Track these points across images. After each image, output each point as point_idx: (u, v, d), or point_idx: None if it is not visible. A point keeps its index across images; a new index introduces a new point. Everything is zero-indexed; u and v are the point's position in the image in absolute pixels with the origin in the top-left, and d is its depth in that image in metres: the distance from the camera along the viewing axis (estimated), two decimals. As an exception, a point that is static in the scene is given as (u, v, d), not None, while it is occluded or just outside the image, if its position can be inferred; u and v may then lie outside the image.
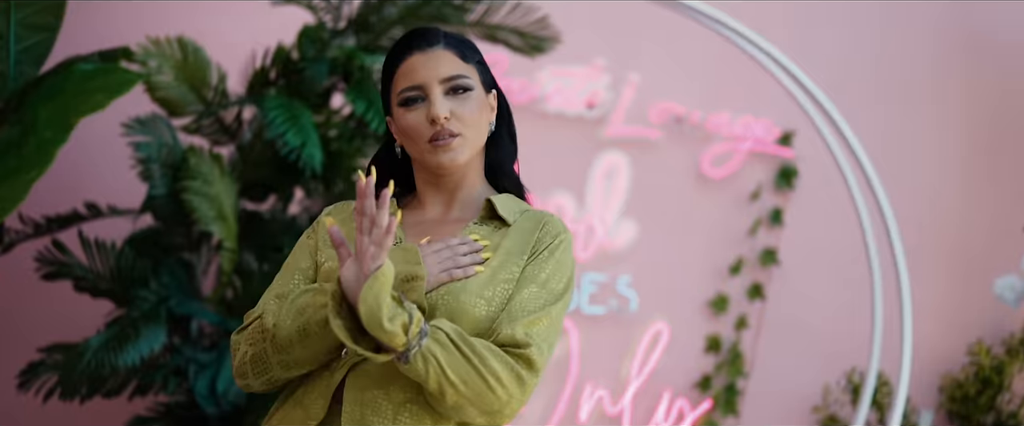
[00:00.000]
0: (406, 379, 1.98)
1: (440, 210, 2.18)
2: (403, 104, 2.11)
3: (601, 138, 5.23)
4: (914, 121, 5.33)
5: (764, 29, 4.68)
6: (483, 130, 2.15)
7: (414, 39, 2.14)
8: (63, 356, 3.87)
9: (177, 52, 3.97)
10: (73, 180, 4.48)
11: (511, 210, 2.15)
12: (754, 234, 5.27)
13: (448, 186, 2.18)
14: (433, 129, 2.09)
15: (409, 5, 4.21)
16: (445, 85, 2.10)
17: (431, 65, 2.10)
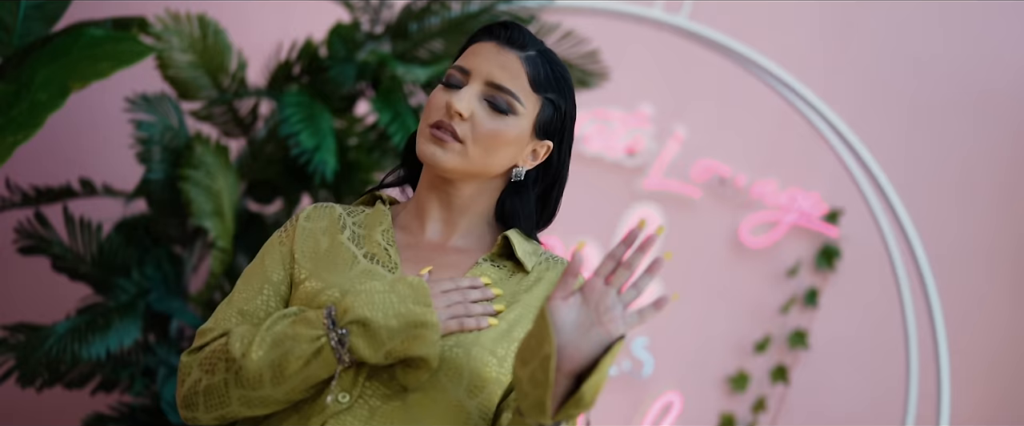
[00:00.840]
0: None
1: (440, 231, 1.90)
2: (444, 80, 1.88)
3: (637, 188, 4.99)
4: (972, 218, 5.03)
5: (830, 99, 4.40)
6: (495, 161, 1.86)
7: (501, 29, 1.89)
8: (26, 337, 3.57)
9: (197, 30, 3.70)
10: (72, 153, 4.24)
11: (529, 253, 1.88)
12: (786, 312, 4.98)
13: (451, 202, 1.89)
14: (441, 117, 1.84)
15: (454, 18, 3.95)
16: (487, 89, 1.84)
17: (493, 61, 1.85)
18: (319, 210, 1.94)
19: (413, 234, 1.90)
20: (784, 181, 4.98)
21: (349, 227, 1.90)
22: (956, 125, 5.05)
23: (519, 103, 1.84)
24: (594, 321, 1.61)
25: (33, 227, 3.71)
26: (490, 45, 1.87)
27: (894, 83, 5.04)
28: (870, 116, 4.93)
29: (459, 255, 1.88)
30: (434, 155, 1.83)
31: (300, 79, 3.90)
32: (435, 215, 1.90)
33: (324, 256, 1.86)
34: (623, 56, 4.46)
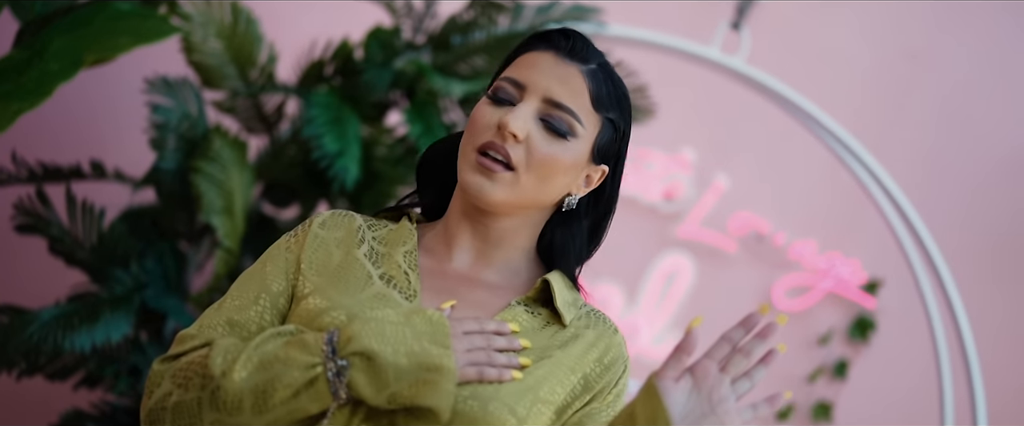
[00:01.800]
0: None
1: (470, 262, 1.67)
2: (492, 93, 1.63)
3: (671, 236, 4.83)
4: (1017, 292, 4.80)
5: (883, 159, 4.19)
6: (547, 191, 1.63)
7: (561, 38, 1.65)
8: (9, 320, 3.37)
9: (227, 16, 3.53)
10: (87, 133, 4.06)
11: (569, 304, 1.65)
12: (813, 382, 4.78)
13: (487, 234, 1.66)
14: (491, 138, 1.60)
15: (499, 35, 3.77)
16: (545, 107, 1.61)
17: (552, 75, 1.62)
18: (337, 218, 1.71)
19: (439, 260, 1.67)
20: (824, 244, 4.79)
21: (368, 242, 1.67)
22: (1014, 200, 4.82)
23: (579, 124, 1.61)
24: (706, 411, 1.47)
25: (33, 205, 3.51)
26: (548, 56, 1.64)
27: (951, 150, 4.85)
28: (923, 183, 4.73)
29: (489, 292, 1.65)
30: (481, 188, 1.60)
31: (331, 80, 3.72)
32: (466, 244, 1.67)
33: (335, 271, 1.63)
34: (670, 95, 4.27)
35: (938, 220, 4.52)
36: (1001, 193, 4.83)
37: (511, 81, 1.63)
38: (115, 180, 3.70)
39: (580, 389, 1.60)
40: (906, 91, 4.84)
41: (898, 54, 4.85)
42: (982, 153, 4.85)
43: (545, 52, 1.64)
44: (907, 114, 4.84)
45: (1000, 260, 4.81)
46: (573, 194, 1.67)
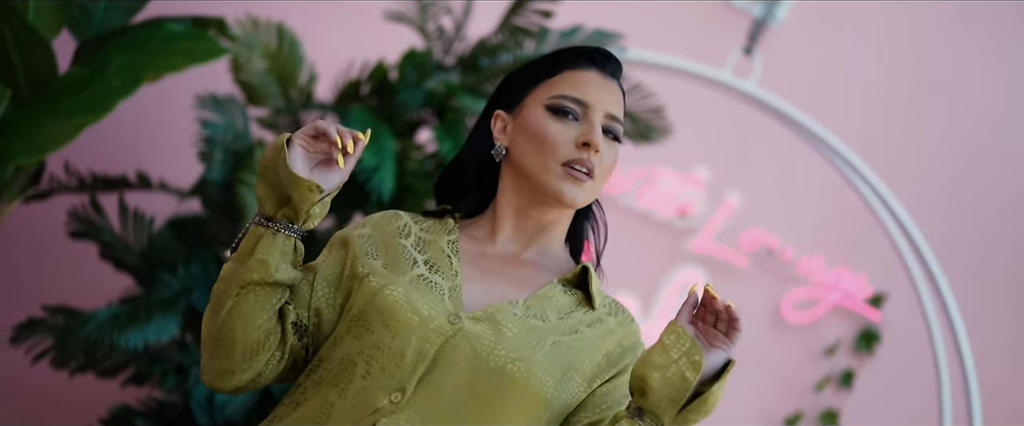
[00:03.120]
0: None
1: (512, 247, 1.87)
2: (555, 110, 1.82)
3: (685, 250, 5.04)
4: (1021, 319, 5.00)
5: (889, 180, 4.42)
6: (602, 187, 1.87)
7: (598, 56, 1.87)
8: (65, 320, 3.60)
9: (273, 39, 3.77)
10: (134, 144, 4.30)
11: (599, 292, 1.86)
12: (820, 391, 5.00)
13: (537, 225, 1.87)
14: (578, 153, 1.80)
15: (525, 57, 3.97)
16: (607, 121, 1.83)
17: (608, 93, 1.84)
18: (386, 216, 1.90)
19: (482, 245, 1.86)
20: (832, 259, 5.00)
21: (414, 233, 1.86)
22: (1016, 220, 5.04)
23: (622, 129, 1.85)
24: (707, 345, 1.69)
25: (86, 212, 3.75)
26: (594, 74, 1.85)
27: (955, 172, 5.07)
28: (927, 203, 4.95)
29: (531, 269, 1.84)
30: (574, 195, 1.80)
31: (367, 99, 3.94)
32: (509, 232, 1.87)
33: (387, 256, 1.82)
34: (685, 116, 4.48)
35: (943, 242, 4.74)
36: (1008, 220, 5.06)
37: (573, 99, 1.82)
38: (160, 190, 3.94)
39: (604, 365, 1.79)
40: (918, 117, 5.07)
41: (910, 80, 5.08)
42: (992, 181, 5.07)
43: (590, 70, 1.85)
44: (918, 139, 5.07)
45: (1005, 283, 5.03)
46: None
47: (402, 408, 1.69)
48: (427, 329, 1.72)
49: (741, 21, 4.70)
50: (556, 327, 1.78)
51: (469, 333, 1.73)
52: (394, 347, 1.72)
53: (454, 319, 1.73)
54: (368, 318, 1.75)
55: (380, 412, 1.69)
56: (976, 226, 5.06)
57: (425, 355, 1.71)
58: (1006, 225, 5.06)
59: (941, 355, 4.14)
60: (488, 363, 1.71)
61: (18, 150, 3.35)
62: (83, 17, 3.73)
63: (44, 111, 3.40)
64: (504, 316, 1.75)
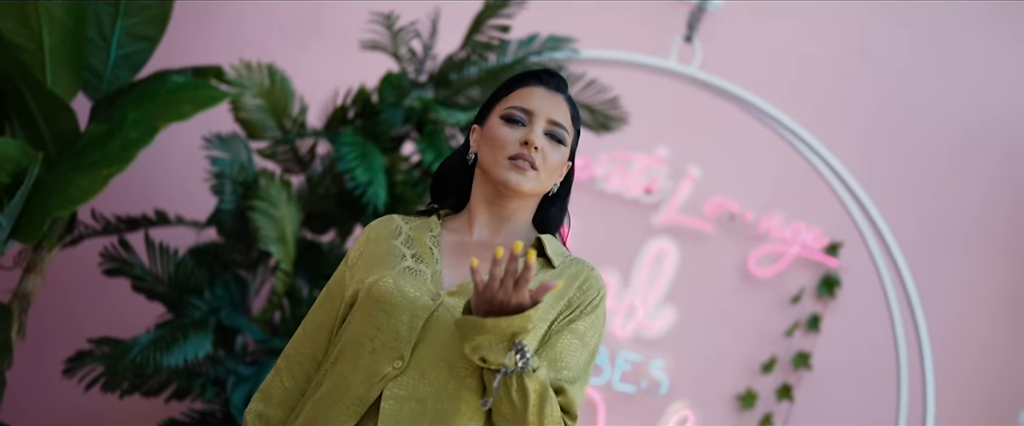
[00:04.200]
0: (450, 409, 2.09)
1: (487, 234, 2.27)
2: (506, 119, 2.23)
3: (654, 224, 5.35)
4: (958, 254, 5.41)
5: (830, 141, 4.84)
6: (550, 182, 2.26)
7: (545, 76, 2.29)
8: (111, 349, 4.03)
9: (266, 79, 4.16)
10: (147, 186, 4.68)
11: (556, 253, 2.26)
12: (790, 336, 5.34)
13: (502, 213, 2.27)
14: (519, 149, 2.20)
15: (490, 68, 4.37)
16: (549, 125, 2.23)
17: (549, 103, 2.25)
18: (381, 222, 2.33)
19: (461, 236, 2.27)
20: (788, 216, 5.35)
21: (404, 233, 2.28)
22: (947, 166, 5.42)
23: (567, 135, 2.25)
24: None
25: (117, 251, 4.18)
26: (540, 89, 2.26)
27: (891, 127, 5.43)
28: (867, 157, 5.32)
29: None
30: (518, 182, 2.20)
31: (354, 122, 4.34)
32: (483, 221, 2.27)
33: (380, 257, 2.24)
34: (642, 103, 4.86)
35: (884, 191, 5.14)
36: (940, 166, 5.44)
37: (520, 109, 2.24)
38: (178, 224, 4.36)
39: (564, 308, 2.20)
40: (852, 81, 5.44)
41: (841, 48, 5.45)
42: (921, 134, 5.43)
43: (537, 86, 2.27)
44: (853, 101, 5.42)
45: (942, 223, 5.43)
46: (556, 184, 2.30)
47: (404, 371, 2.11)
48: (415, 307, 2.13)
49: (682, 11, 5.07)
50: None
51: (448, 305, 2.14)
52: (390, 325, 2.13)
53: (435, 297, 2.15)
54: (368, 304, 2.17)
55: (387, 377, 2.11)
56: (911, 174, 5.42)
57: (415, 328, 2.12)
58: (939, 171, 5.41)
59: (890, 292, 4.58)
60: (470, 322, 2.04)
61: (54, 205, 3.75)
62: (94, 78, 4.13)
63: (73, 167, 3.78)
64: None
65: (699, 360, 5.28)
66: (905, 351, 4.57)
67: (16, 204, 3.76)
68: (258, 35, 4.92)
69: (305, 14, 5.10)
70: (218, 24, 4.96)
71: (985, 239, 5.42)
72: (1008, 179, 5.46)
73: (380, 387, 2.10)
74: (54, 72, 3.94)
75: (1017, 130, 5.46)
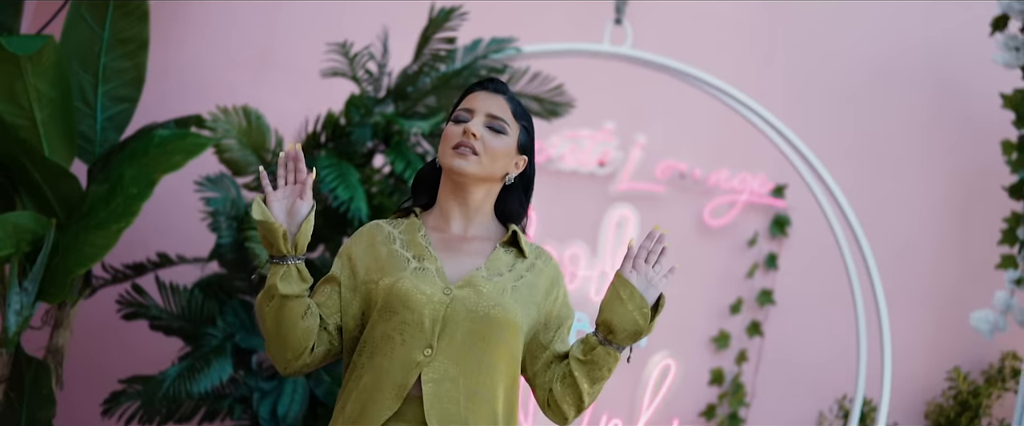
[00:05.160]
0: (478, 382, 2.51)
1: (461, 227, 2.66)
2: (454, 120, 2.63)
3: (611, 193, 5.74)
4: (894, 174, 5.82)
5: (761, 95, 5.26)
6: (498, 168, 2.63)
7: (486, 82, 2.69)
8: (143, 386, 4.41)
9: (242, 119, 4.53)
10: (144, 233, 5.02)
11: (527, 245, 2.69)
12: (751, 277, 5.75)
13: (465, 202, 2.65)
14: (461, 138, 2.59)
15: (442, 75, 4.75)
16: (488, 119, 2.62)
17: (487, 101, 2.64)
18: (371, 228, 2.69)
19: (442, 231, 2.66)
20: (734, 168, 5.75)
21: (397, 238, 2.65)
22: (871, 97, 5.83)
23: (508, 126, 2.64)
24: (646, 284, 2.55)
25: (132, 297, 4.55)
26: (482, 93, 2.66)
27: (814, 70, 5.84)
28: (796, 102, 5.74)
29: (480, 243, 2.65)
30: (462, 165, 2.58)
31: (327, 145, 4.72)
32: (455, 214, 2.66)
33: (385, 262, 2.60)
34: (585, 85, 5.26)
35: (815, 131, 5.58)
36: (861, 102, 5.86)
37: (464, 109, 2.64)
38: (180, 264, 4.73)
39: (543, 293, 2.64)
40: (772, 36, 5.82)
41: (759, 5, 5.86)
42: (840, 74, 5.81)
43: (480, 91, 2.68)
44: (775, 54, 5.82)
45: (871, 153, 5.86)
46: (510, 174, 2.68)
47: (433, 357, 2.51)
48: (433, 302, 2.53)
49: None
50: (510, 277, 2.61)
51: (459, 297, 2.53)
52: (415, 320, 2.52)
53: (447, 291, 2.54)
54: (392, 305, 2.54)
55: (420, 364, 2.50)
56: (838, 110, 5.83)
57: (437, 319, 2.52)
58: (863, 103, 5.82)
59: (835, 223, 5.02)
60: (478, 313, 2.52)
61: (73, 264, 4.12)
62: (86, 143, 4.49)
63: (84, 228, 4.15)
64: (477, 280, 2.56)
65: (671, 311, 5.65)
66: (855, 274, 5.01)
67: (38, 269, 4.13)
68: (228, 80, 5.28)
69: (260, 49, 5.47)
70: (182, 73, 5.33)
71: (918, 160, 5.83)
72: (931, 100, 5.85)
73: (416, 373, 2.49)
74: (50, 143, 4.30)
75: (934, 54, 5.86)
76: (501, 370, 2.55)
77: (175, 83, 5.18)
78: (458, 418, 2.48)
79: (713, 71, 5.15)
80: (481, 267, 2.59)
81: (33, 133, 4.23)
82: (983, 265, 5.62)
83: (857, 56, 5.86)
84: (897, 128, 5.85)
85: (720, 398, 5.65)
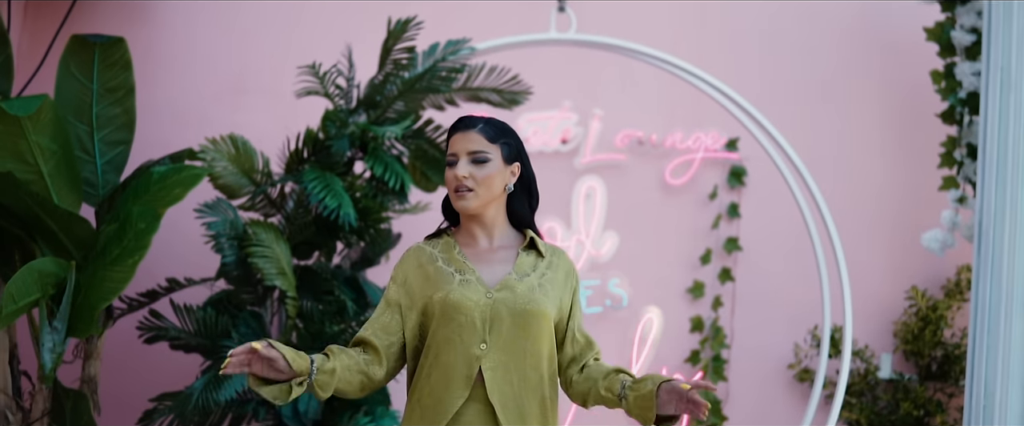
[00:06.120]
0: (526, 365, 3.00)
1: (486, 242, 3.12)
2: (447, 164, 3.07)
3: (577, 167, 6.11)
4: (835, 114, 6.22)
5: (702, 59, 5.67)
6: (495, 188, 3.06)
7: (459, 124, 3.11)
8: (173, 401, 4.80)
9: (231, 147, 4.91)
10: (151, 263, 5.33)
11: (544, 247, 3.14)
12: (717, 227, 6.10)
13: (483, 223, 3.11)
14: (455, 184, 3.04)
15: (406, 80, 5.12)
16: (470, 156, 3.05)
17: (464, 142, 3.06)
18: (414, 252, 3.15)
19: (473, 247, 3.11)
20: (687, 129, 6.12)
21: (438, 257, 3.10)
22: (797, 37, 6.22)
23: (488, 153, 3.05)
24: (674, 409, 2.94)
25: (151, 321, 4.94)
26: (458, 135, 3.08)
27: (747, 28, 6.22)
28: (733, 60, 6.13)
29: (505, 251, 3.10)
30: (465, 206, 3.04)
31: (310, 159, 5.09)
32: (478, 233, 3.12)
33: (434, 279, 3.06)
34: (540, 70, 5.64)
35: (751, 82, 5.98)
36: (798, 56, 6.25)
37: (451, 155, 3.07)
38: (189, 285, 5.11)
39: (562, 286, 3.10)
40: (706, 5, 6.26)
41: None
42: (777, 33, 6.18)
43: (457, 134, 3.09)
44: (712, 21, 6.21)
45: (807, 92, 6.23)
46: (508, 184, 3.10)
47: (489, 350, 2.98)
48: (480, 306, 3.00)
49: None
50: (535, 276, 3.07)
51: (500, 299, 3.00)
52: (468, 322, 2.99)
53: (489, 295, 3.01)
54: (448, 312, 3.00)
55: (479, 357, 2.98)
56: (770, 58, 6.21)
57: (486, 319, 3.00)
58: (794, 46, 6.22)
59: (783, 167, 5.44)
60: (516, 309, 2.99)
61: (97, 300, 4.49)
62: (90, 188, 4.86)
63: (101, 265, 4.51)
64: (511, 282, 3.02)
65: (647, 269, 6.09)
66: (809, 212, 5.43)
67: (65, 308, 4.51)
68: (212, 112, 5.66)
69: (233, 78, 5.85)
70: (163, 110, 5.69)
71: (856, 98, 6.21)
72: (860, 40, 6.23)
73: (477, 364, 2.97)
74: (58, 192, 4.66)
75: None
76: (543, 355, 3.04)
77: (159, 120, 5.55)
78: (513, 397, 2.98)
79: (654, 42, 5.55)
80: (511, 272, 3.06)
81: (42, 185, 4.59)
82: (927, 189, 6.03)
83: (784, 6, 6.22)
84: (831, 70, 6.24)
85: (702, 343, 6.06)
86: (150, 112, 5.38)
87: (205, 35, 5.92)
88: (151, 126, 5.34)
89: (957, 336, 5.98)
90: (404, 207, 5.23)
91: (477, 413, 2.97)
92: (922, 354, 5.98)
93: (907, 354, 6.03)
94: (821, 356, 5.49)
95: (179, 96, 5.78)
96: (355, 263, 5.24)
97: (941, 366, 5.97)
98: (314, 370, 2.89)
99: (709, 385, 2.84)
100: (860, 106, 6.25)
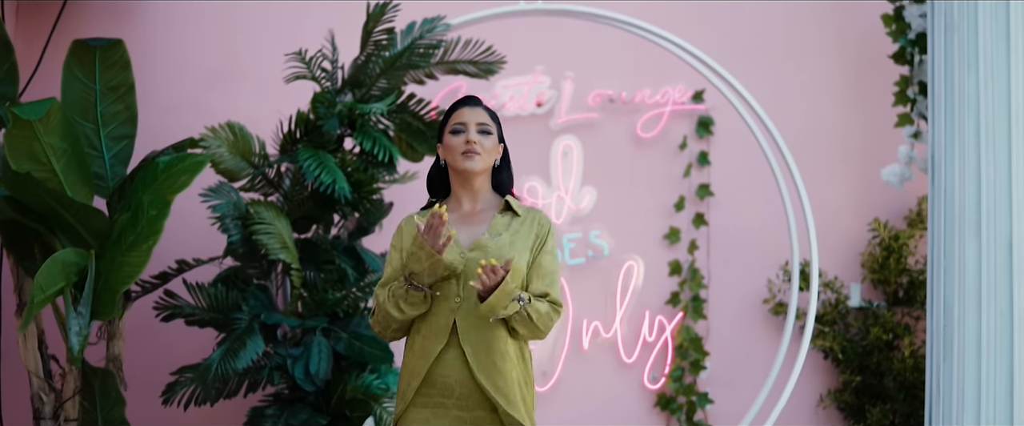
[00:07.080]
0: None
1: (470, 206, 3.50)
2: (453, 132, 3.46)
3: (553, 128, 6.43)
4: (794, 62, 6.55)
5: (664, 17, 5.98)
6: (491, 159, 3.48)
7: (467, 101, 3.52)
8: (194, 373, 5.16)
9: (229, 134, 5.24)
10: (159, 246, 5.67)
11: (519, 207, 3.51)
12: (688, 176, 6.45)
13: (471, 188, 3.49)
14: (466, 146, 3.43)
15: (387, 58, 5.44)
16: (478, 126, 3.46)
17: (473, 114, 3.47)
18: (409, 223, 3.49)
19: (457, 212, 3.49)
20: (654, 86, 6.45)
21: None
22: (759, 4, 6.53)
23: (491, 127, 3.47)
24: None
25: (166, 301, 5.29)
26: (466, 108, 3.48)
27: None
28: (695, 17, 6.46)
29: (484, 213, 3.47)
30: (471, 165, 3.42)
31: (303, 140, 5.43)
32: (465, 197, 3.50)
33: None
34: (512, 39, 5.94)
35: (713, 37, 6.31)
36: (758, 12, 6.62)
37: (458, 123, 3.46)
38: (197, 265, 5.44)
39: (533, 242, 3.45)
40: None
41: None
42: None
43: (464, 107, 3.49)
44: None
45: (766, 44, 6.59)
46: (497, 160, 3.51)
47: (463, 302, 3.36)
48: (455, 266, 3.35)
49: (515, -42, 6.13)
50: (508, 235, 3.43)
51: (470, 258, 3.36)
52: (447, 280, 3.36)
53: (462, 254, 3.37)
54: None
55: (454, 309, 3.36)
56: (729, 17, 6.54)
57: (458, 276, 3.36)
58: (758, 12, 6.55)
59: (747, 116, 5.80)
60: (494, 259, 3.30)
61: (116, 283, 4.84)
62: (100, 180, 5.18)
63: (118, 252, 4.84)
64: (482, 242, 3.39)
65: (625, 219, 6.44)
66: (772, 155, 5.78)
67: (87, 294, 4.86)
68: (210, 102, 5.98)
69: (225, 66, 6.17)
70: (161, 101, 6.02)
71: (811, 43, 6.55)
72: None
73: (452, 317, 3.36)
74: (71, 187, 4.98)
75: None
76: None
77: (158, 111, 5.87)
78: (485, 343, 3.35)
79: (617, 6, 5.87)
80: (485, 233, 3.44)
81: (56, 182, 4.91)
82: (884, 126, 6.39)
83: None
84: (789, 21, 6.58)
85: (681, 285, 6.43)
86: (150, 106, 5.69)
87: (194, 30, 6.23)
88: (151, 119, 5.66)
89: (920, 263, 6.35)
90: (394, 177, 5.57)
91: (455, 358, 3.35)
92: (888, 282, 6.36)
93: (875, 282, 6.41)
94: (792, 290, 5.86)
95: (175, 89, 6.11)
96: (352, 233, 5.59)
97: (907, 292, 6.35)
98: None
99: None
100: (817, 53, 6.59)
